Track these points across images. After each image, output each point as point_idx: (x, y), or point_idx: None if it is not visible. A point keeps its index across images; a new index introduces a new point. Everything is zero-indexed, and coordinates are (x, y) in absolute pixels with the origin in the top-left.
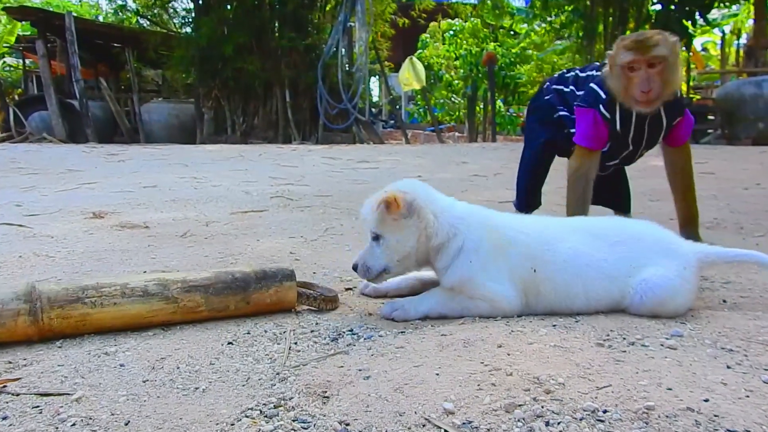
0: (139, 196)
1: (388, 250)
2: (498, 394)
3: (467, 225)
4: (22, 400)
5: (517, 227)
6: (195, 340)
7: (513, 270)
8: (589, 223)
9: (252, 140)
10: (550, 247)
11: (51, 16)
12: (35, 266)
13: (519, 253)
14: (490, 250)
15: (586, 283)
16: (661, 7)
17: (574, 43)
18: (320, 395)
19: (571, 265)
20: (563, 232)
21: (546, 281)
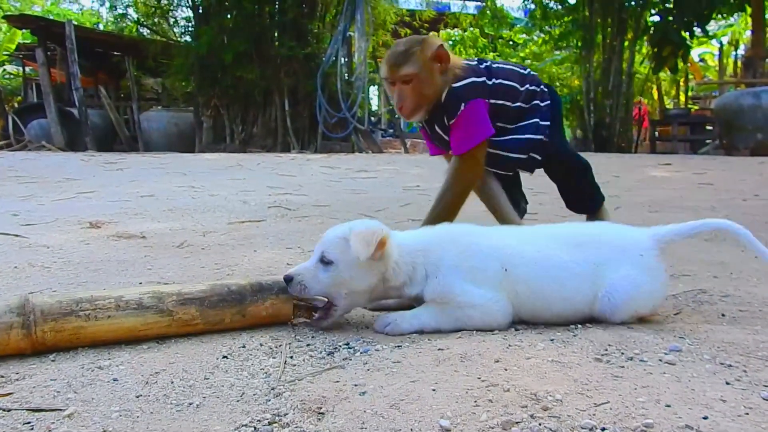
0: (137, 206)
1: (337, 282)
2: (495, 411)
3: (424, 253)
4: (13, 416)
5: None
6: (189, 353)
7: (485, 272)
8: (550, 229)
9: (251, 149)
10: (518, 251)
11: (51, 25)
12: (30, 277)
13: (484, 255)
14: (454, 262)
15: (559, 283)
16: (659, 18)
17: (573, 54)
18: (315, 411)
19: (541, 267)
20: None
21: (520, 283)
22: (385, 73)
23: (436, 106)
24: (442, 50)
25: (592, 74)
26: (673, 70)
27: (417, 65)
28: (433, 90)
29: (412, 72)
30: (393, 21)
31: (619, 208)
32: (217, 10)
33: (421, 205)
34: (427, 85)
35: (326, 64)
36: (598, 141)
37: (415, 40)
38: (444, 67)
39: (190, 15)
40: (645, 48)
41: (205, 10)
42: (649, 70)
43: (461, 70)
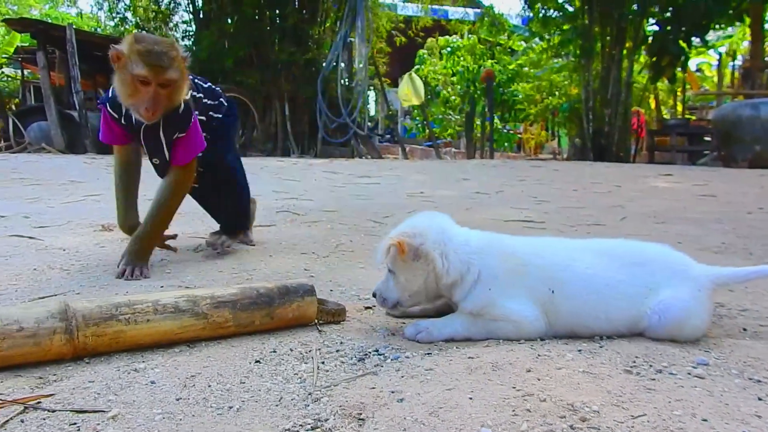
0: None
1: (399, 287)
2: (534, 421)
3: (481, 256)
4: (58, 416)
5: (533, 250)
6: (222, 358)
7: (532, 291)
8: (603, 245)
9: (251, 153)
10: (567, 268)
11: (51, 28)
12: (51, 279)
13: (536, 276)
14: (508, 275)
15: (606, 303)
16: (658, 27)
17: (571, 62)
18: (355, 417)
19: (589, 285)
20: (579, 253)
21: (564, 302)
22: (144, 72)
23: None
24: (186, 58)
25: (591, 83)
26: (672, 80)
27: (179, 71)
28: (180, 97)
29: (175, 77)
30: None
31: (624, 218)
32: (217, 15)
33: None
34: (180, 91)
35: (327, 69)
36: (596, 150)
37: (169, 42)
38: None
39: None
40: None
41: (206, 15)
42: (648, 80)
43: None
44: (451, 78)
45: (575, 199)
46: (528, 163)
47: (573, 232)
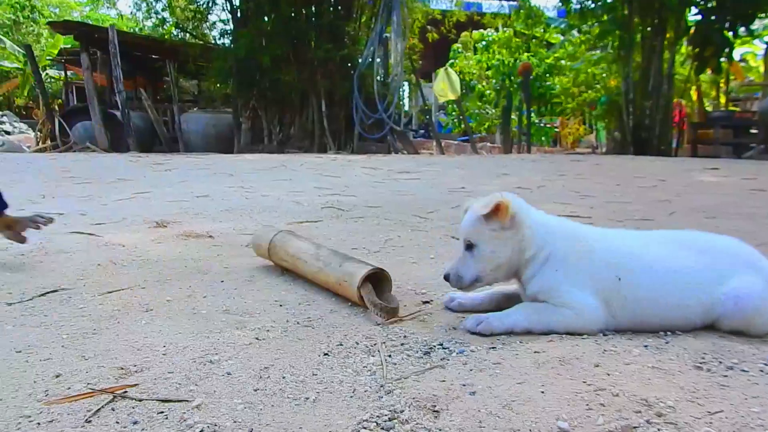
0: (195, 206)
1: (482, 260)
2: (610, 415)
3: (555, 237)
4: (146, 405)
5: (601, 238)
6: (291, 350)
7: (596, 280)
8: (673, 235)
9: (288, 149)
10: (635, 256)
11: (93, 30)
12: (115, 274)
13: (603, 263)
14: (576, 260)
15: (676, 291)
16: (701, 17)
17: (610, 54)
18: (430, 409)
19: (658, 273)
20: (647, 242)
21: (632, 289)
22: None
23: None
24: None
25: (631, 75)
26: (716, 71)
27: None
28: None
29: None
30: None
31: (673, 213)
32: (254, 13)
33: None
34: None
35: (363, 65)
36: (636, 143)
37: None
38: None
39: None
40: (685, 48)
41: (244, 14)
42: (690, 71)
43: None
44: (486, 72)
45: (619, 194)
46: (567, 158)
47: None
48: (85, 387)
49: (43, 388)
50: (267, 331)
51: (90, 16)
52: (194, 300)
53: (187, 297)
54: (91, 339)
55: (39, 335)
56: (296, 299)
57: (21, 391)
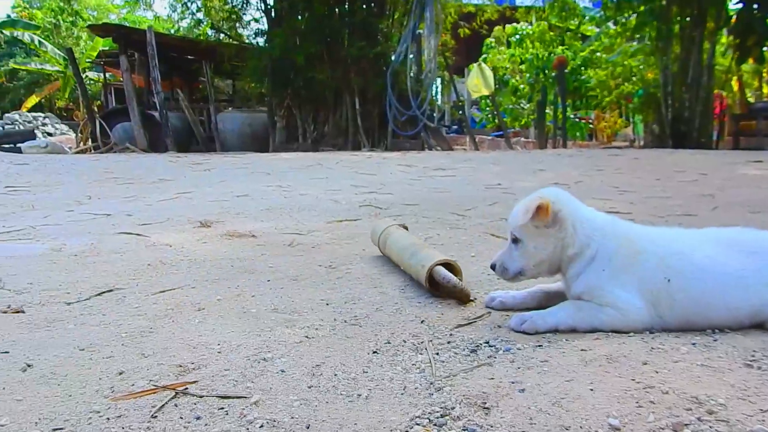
0: (235, 205)
1: (526, 255)
2: (660, 413)
3: (603, 235)
4: (206, 401)
5: (650, 238)
6: (340, 348)
7: (644, 280)
8: (720, 234)
9: (322, 148)
10: (685, 258)
11: (131, 32)
12: (165, 274)
13: (652, 263)
14: (623, 260)
15: (725, 293)
16: (742, 5)
17: (647, 45)
18: (480, 406)
19: (708, 274)
20: (696, 242)
21: (681, 291)
22: None
23: None
24: None
25: (670, 67)
26: (759, 61)
27: None
28: None
29: None
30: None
31: (716, 208)
32: (288, 13)
33: (509, 204)
34: None
35: (396, 62)
36: (675, 136)
37: None
38: None
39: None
40: (725, 38)
41: (278, 14)
42: (731, 62)
43: None
44: (519, 66)
45: (660, 189)
46: (605, 152)
47: (663, 224)
48: (148, 384)
49: (109, 385)
50: (316, 329)
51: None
52: (243, 299)
53: (236, 296)
54: (148, 337)
55: (99, 334)
56: (342, 298)
57: (88, 387)
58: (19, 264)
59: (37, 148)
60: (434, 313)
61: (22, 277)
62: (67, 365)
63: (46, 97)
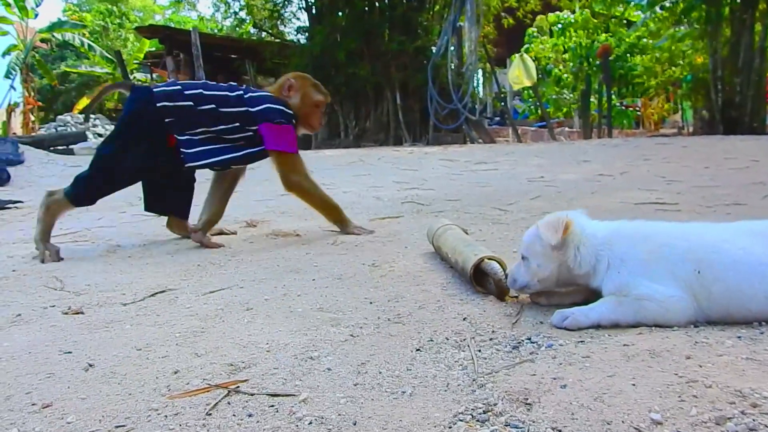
0: (280, 204)
1: (530, 271)
2: (703, 407)
3: (610, 246)
4: (257, 399)
5: (676, 233)
6: (384, 346)
7: (674, 273)
8: (753, 225)
9: (364, 143)
10: (715, 249)
11: (176, 33)
12: (215, 275)
13: (678, 257)
14: (642, 258)
15: (764, 282)
16: None
17: (695, 30)
18: (522, 402)
19: (743, 265)
20: (728, 233)
21: (716, 282)
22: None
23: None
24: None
25: (719, 51)
26: None
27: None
28: None
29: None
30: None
31: (767, 196)
32: (329, 9)
33: (551, 197)
34: None
35: (436, 56)
36: (726, 122)
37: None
38: None
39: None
40: None
41: (318, 11)
42: None
43: None
44: (563, 56)
45: (709, 177)
46: (651, 141)
47: (711, 214)
48: (202, 382)
49: (165, 384)
50: (360, 327)
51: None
52: (289, 299)
53: (282, 296)
54: (200, 337)
55: (154, 334)
56: (385, 296)
57: (146, 386)
58: (77, 265)
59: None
60: (476, 311)
61: (81, 279)
62: (126, 364)
63: None
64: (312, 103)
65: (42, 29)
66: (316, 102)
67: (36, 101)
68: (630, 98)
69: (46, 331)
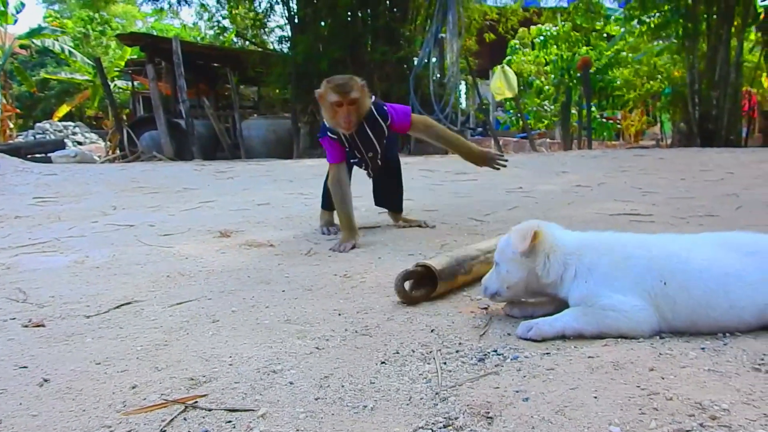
0: (256, 214)
1: (500, 278)
2: (663, 419)
3: (579, 256)
4: (215, 415)
5: (640, 244)
6: (349, 359)
7: (640, 284)
8: (717, 237)
9: None
10: (680, 260)
11: (158, 41)
12: (183, 286)
13: (643, 268)
14: (607, 270)
15: (728, 293)
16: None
17: (674, 44)
18: (484, 416)
19: (707, 275)
20: (692, 245)
21: (680, 292)
22: (336, 98)
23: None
24: (363, 84)
25: (697, 65)
26: None
27: (359, 91)
28: (365, 107)
29: (357, 96)
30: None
31: (740, 207)
32: (312, 19)
33: (529, 208)
34: (363, 104)
35: (419, 66)
36: (703, 134)
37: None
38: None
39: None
40: (753, 35)
41: (301, 20)
42: (760, 58)
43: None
44: (544, 68)
45: (684, 189)
46: (630, 152)
47: (684, 225)
48: (159, 398)
49: (122, 399)
50: (326, 340)
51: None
52: (257, 310)
53: (250, 307)
54: (163, 350)
55: (116, 347)
56: (354, 308)
57: (102, 402)
58: (42, 277)
59: (66, 158)
60: (445, 322)
61: (45, 290)
62: (83, 379)
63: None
64: (330, 106)
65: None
66: (333, 104)
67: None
68: (610, 110)
69: (3, 345)
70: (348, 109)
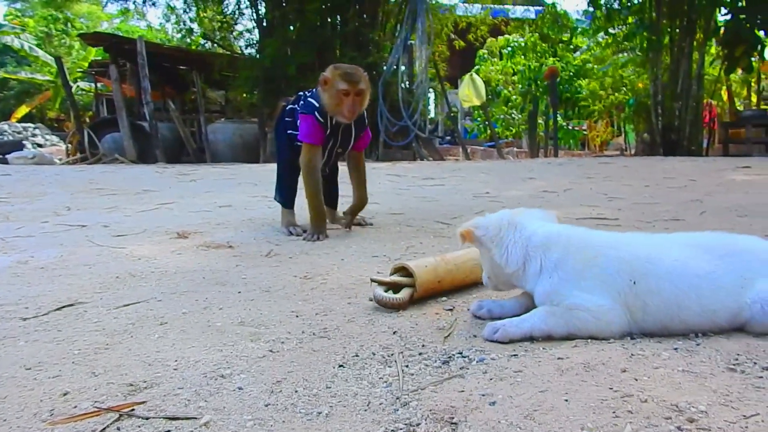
0: (217, 216)
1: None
2: (638, 423)
3: (545, 249)
4: (152, 423)
5: (610, 243)
6: (305, 362)
7: (609, 284)
8: (689, 238)
9: None
10: (650, 260)
11: (123, 42)
12: (133, 287)
13: (613, 268)
14: (575, 267)
15: (699, 295)
16: (730, 16)
17: (638, 56)
18: (447, 421)
19: (678, 277)
20: (664, 245)
21: (651, 294)
22: (345, 86)
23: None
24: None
25: (660, 77)
26: (747, 70)
27: (366, 84)
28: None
29: (365, 87)
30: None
31: (704, 212)
32: (280, 22)
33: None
34: (366, 99)
35: (387, 72)
36: (666, 145)
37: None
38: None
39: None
40: (714, 48)
41: (269, 24)
42: (720, 71)
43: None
44: (512, 77)
45: (649, 195)
46: (595, 160)
47: (650, 229)
48: (92, 405)
49: (49, 407)
50: (281, 343)
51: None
52: (210, 312)
53: (203, 309)
54: (102, 354)
55: (50, 351)
56: (313, 309)
57: (26, 410)
58: None
59: (24, 159)
60: (408, 324)
61: None
62: (8, 386)
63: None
64: (337, 93)
65: None
66: (340, 91)
67: None
68: (576, 120)
69: None
70: (354, 99)
